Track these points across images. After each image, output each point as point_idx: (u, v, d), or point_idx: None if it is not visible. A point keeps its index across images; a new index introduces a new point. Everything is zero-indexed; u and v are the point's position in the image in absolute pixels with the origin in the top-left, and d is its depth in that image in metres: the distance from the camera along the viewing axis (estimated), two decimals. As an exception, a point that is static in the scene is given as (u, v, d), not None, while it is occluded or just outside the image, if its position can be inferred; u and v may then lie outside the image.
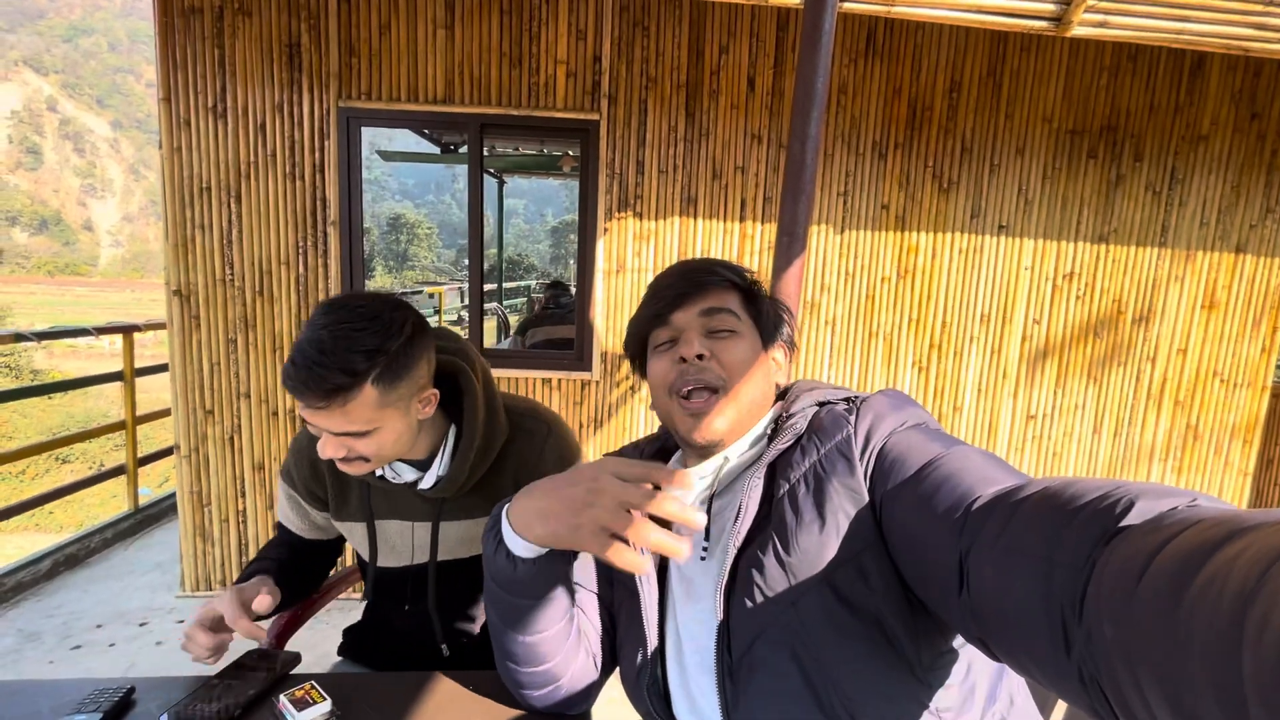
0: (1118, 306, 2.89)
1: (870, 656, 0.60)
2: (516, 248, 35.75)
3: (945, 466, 0.57)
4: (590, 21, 2.52)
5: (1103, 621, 0.35)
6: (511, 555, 0.66)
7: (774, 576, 0.63)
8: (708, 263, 0.79)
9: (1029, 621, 0.41)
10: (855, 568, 0.60)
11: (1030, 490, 0.47)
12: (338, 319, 0.81)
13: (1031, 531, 0.43)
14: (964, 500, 0.52)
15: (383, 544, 1.08)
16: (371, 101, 2.50)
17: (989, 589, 0.46)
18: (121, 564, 3.02)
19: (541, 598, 0.71)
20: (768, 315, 0.78)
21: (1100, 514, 0.39)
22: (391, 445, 0.88)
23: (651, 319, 0.77)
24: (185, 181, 2.49)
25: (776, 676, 0.63)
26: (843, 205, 2.71)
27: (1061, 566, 0.39)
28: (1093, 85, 2.71)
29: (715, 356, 0.72)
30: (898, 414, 0.67)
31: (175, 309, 2.56)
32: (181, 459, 2.65)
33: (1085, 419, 2.96)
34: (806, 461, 0.67)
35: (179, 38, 2.42)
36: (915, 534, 0.56)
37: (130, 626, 2.49)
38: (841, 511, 0.62)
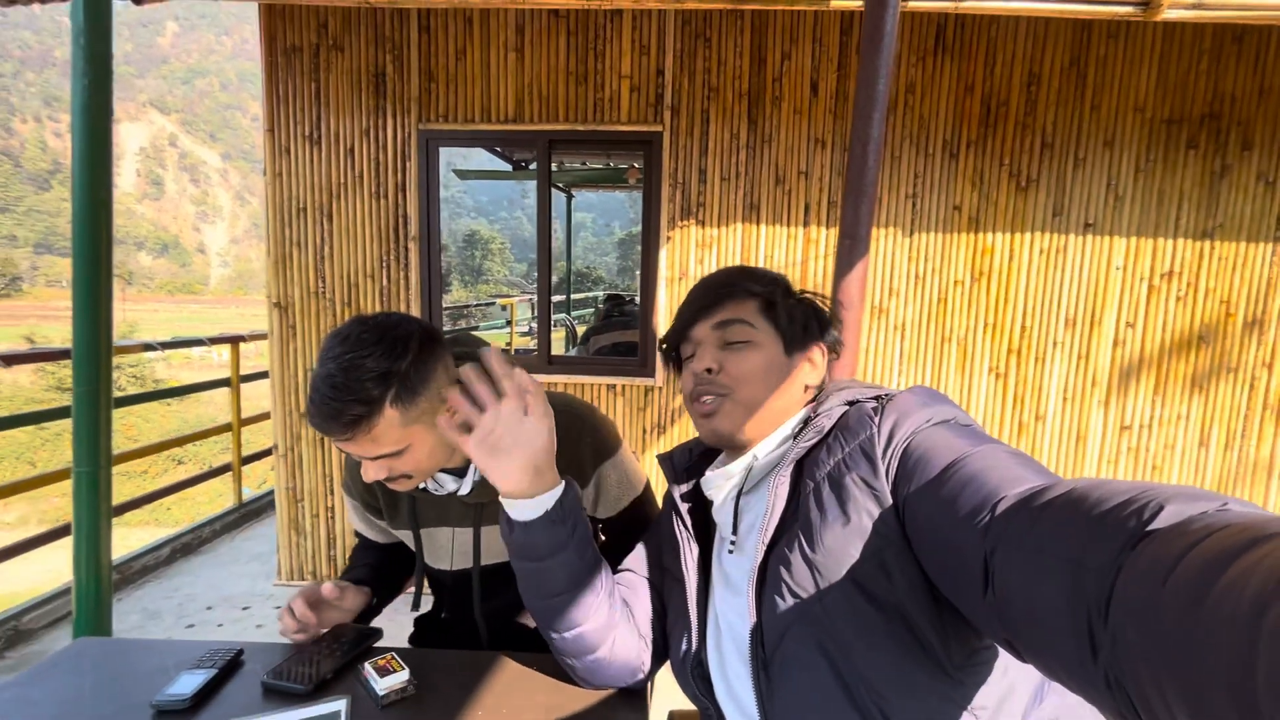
0: (1226, 309, 2.65)
1: (897, 653, 0.60)
2: (585, 260, 36.51)
3: (971, 465, 0.56)
4: (653, 36, 2.59)
5: (1127, 625, 0.35)
6: (510, 520, 0.76)
7: (800, 573, 0.65)
8: (729, 275, 0.82)
9: (1055, 624, 0.41)
10: (878, 565, 0.61)
11: (1058, 491, 0.46)
12: (343, 350, 0.81)
13: (1059, 533, 0.43)
14: (989, 500, 0.51)
15: (429, 550, 1.12)
16: (448, 123, 2.66)
17: (1014, 590, 0.45)
18: (228, 553, 3.31)
19: (541, 561, 0.77)
20: (790, 321, 0.79)
21: (1129, 517, 0.38)
22: (428, 459, 0.89)
23: (677, 334, 0.83)
24: (285, 203, 2.74)
25: (807, 671, 0.64)
26: (911, 207, 2.63)
27: (1089, 569, 0.39)
28: (1191, 71, 2.52)
29: (724, 368, 0.76)
30: (923, 411, 0.66)
31: (275, 319, 2.80)
32: (279, 457, 2.89)
33: (1189, 431, 2.73)
34: (831, 460, 0.68)
35: (281, 74, 2.67)
36: (939, 533, 0.56)
37: (235, 610, 2.73)
38: (864, 510, 0.63)
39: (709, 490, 0.81)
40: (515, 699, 0.85)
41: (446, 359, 0.91)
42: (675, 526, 0.83)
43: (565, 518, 0.76)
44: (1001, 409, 2.74)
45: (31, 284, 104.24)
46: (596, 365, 3.03)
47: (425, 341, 0.86)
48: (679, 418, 2.80)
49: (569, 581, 0.79)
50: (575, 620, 0.80)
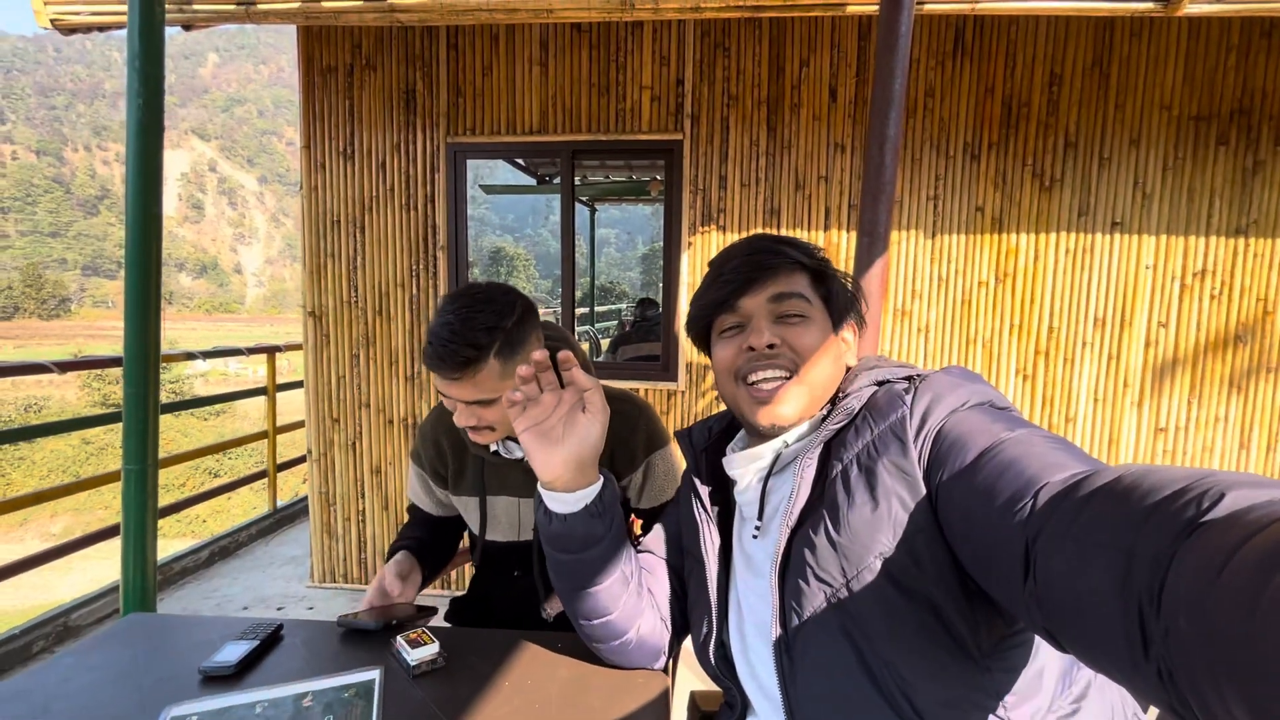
0: (1264, 307, 2.58)
1: (923, 639, 0.59)
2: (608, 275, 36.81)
3: (1009, 450, 0.54)
4: (673, 47, 2.65)
5: (1180, 616, 0.33)
6: (549, 511, 0.76)
7: (825, 556, 0.63)
8: (774, 242, 0.75)
9: (1104, 615, 0.39)
10: (907, 550, 0.59)
11: (1105, 478, 0.44)
12: (461, 305, 0.96)
13: (1109, 521, 0.41)
14: (1031, 485, 0.49)
15: (491, 519, 1.21)
16: (475, 136, 2.75)
17: (1059, 579, 0.43)
18: (263, 556, 3.40)
19: (577, 554, 0.78)
20: (837, 294, 0.75)
21: (1186, 505, 0.36)
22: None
23: (718, 304, 0.75)
24: (320, 216, 2.85)
25: (831, 655, 0.63)
26: (933, 209, 2.63)
27: (1142, 559, 0.37)
28: (1219, 67, 2.49)
29: (786, 343, 0.71)
30: (958, 393, 0.63)
31: (310, 328, 2.90)
32: (312, 463, 2.98)
33: (1229, 433, 2.65)
34: (860, 442, 0.65)
35: (318, 93, 2.80)
36: (976, 521, 0.53)
37: (270, 610, 2.80)
38: (894, 494, 0.61)
39: (732, 470, 0.78)
40: (539, 672, 0.88)
41: (539, 330, 1.04)
42: (694, 508, 0.82)
43: (604, 512, 0.77)
44: (1030, 411, 2.69)
45: (79, 304, 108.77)
46: (619, 370, 3.07)
47: (527, 309, 1.00)
48: (701, 421, 2.81)
49: (601, 573, 0.79)
50: (604, 609, 0.81)
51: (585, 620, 0.83)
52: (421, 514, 1.29)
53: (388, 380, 2.90)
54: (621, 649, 0.85)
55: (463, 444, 1.19)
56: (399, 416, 2.91)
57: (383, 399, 2.91)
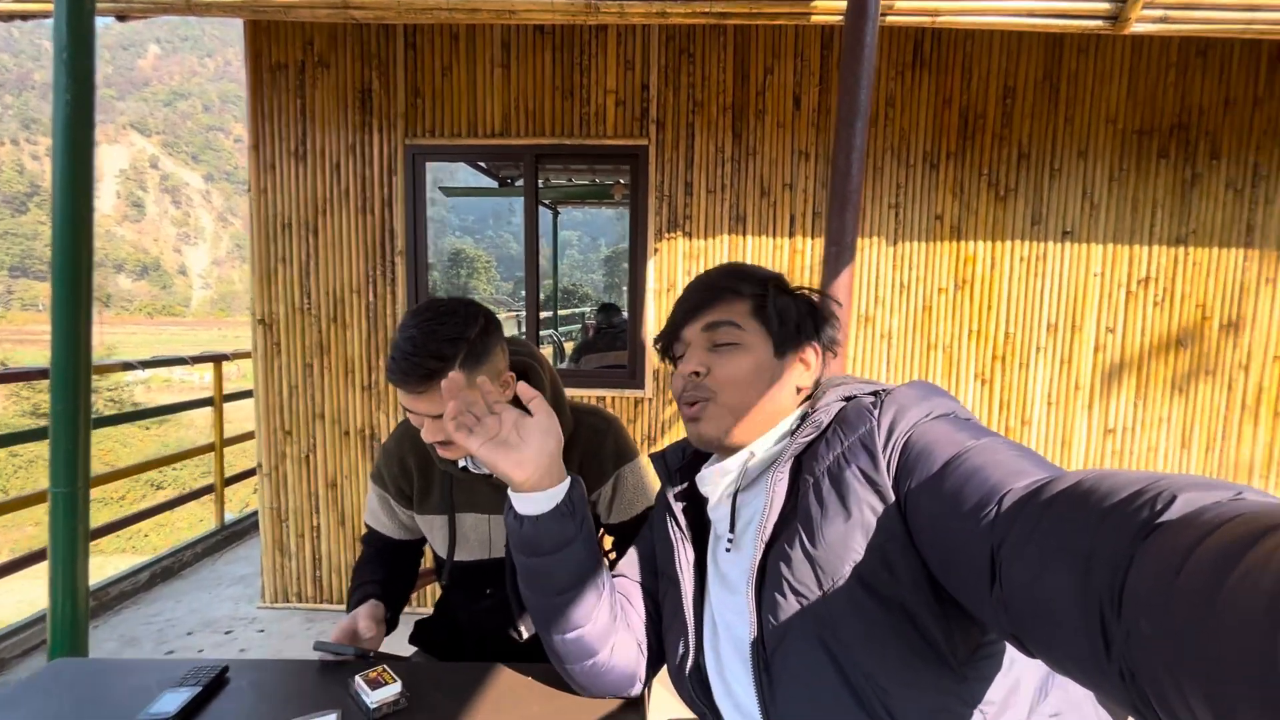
0: (1202, 312, 2.71)
1: (901, 649, 0.59)
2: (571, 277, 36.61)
3: (973, 459, 0.56)
4: (638, 52, 2.62)
5: (1140, 617, 0.34)
6: (519, 515, 0.75)
7: (801, 569, 0.64)
8: (720, 274, 0.81)
9: (1067, 618, 0.40)
10: (880, 559, 0.60)
11: (1065, 483, 0.46)
12: (424, 319, 0.95)
13: (1068, 526, 0.42)
14: (995, 493, 0.51)
15: (460, 537, 1.17)
16: (435, 138, 2.67)
17: (1023, 584, 0.45)
18: (209, 577, 3.23)
19: (547, 556, 0.76)
20: (782, 322, 0.77)
21: (1141, 508, 0.38)
22: None
23: (668, 335, 0.82)
24: (270, 219, 2.72)
25: (810, 669, 0.63)
26: (894, 217, 2.68)
27: (1101, 562, 0.38)
28: (1159, 83, 2.60)
29: (712, 372, 0.75)
30: (923, 404, 0.66)
31: (259, 336, 2.77)
32: (263, 477, 2.84)
33: (1171, 433, 2.77)
34: (830, 454, 0.67)
35: (267, 91, 2.67)
36: (943, 528, 0.55)
37: (217, 635, 2.66)
38: (865, 504, 0.62)
39: (704, 487, 0.79)
40: (510, 709, 0.84)
41: (504, 343, 1.03)
42: (669, 527, 0.82)
43: (574, 511, 0.77)
44: (987, 415, 2.76)
45: (7, 307, 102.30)
46: (586, 377, 3.02)
47: (490, 321, 1.00)
48: (669, 428, 2.79)
49: (573, 578, 0.78)
50: (576, 621, 0.79)
51: (558, 634, 0.80)
52: (381, 540, 1.24)
53: (343, 390, 2.78)
54: (594, 671, 0.82)
55: (429, 461, 1.15)
56: (355, 428, 2.80)
57: (338, 410, 2.80)
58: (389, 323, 2.75)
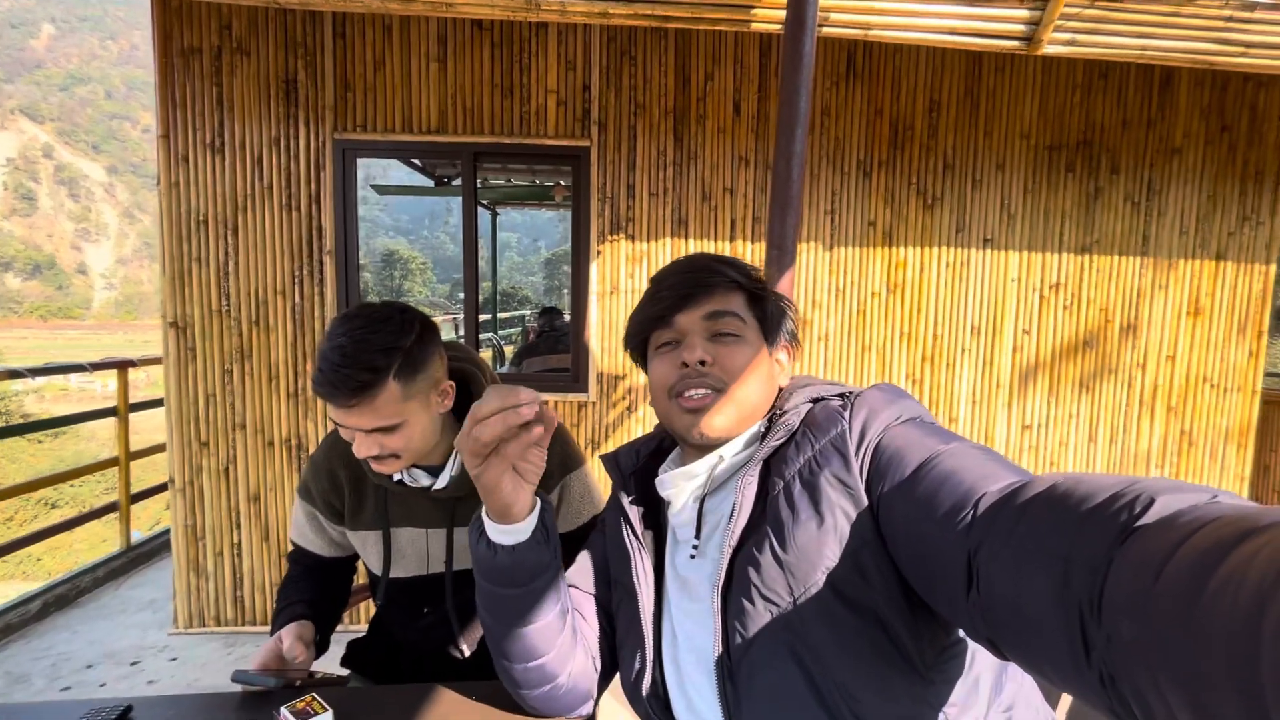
0: (1105, 316, 2.93)
1: (872, 655, 0.59)
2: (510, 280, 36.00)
3: (945, 463, 0.56)
4: (579, 52, 2.60)
5: (1120, 621, 0.34)
6: (492, 543, 0.69)
7: (771, 575, 0.62)
8: (713, 261, 0.77)
9: (1046, 623, 0.40)
10: (853, 565, 0.59)
11: (1038, 487, 0.46)
12: (354, 326, 0.89)
13: (1046, 530, 0.42)
14: (969, 498, 0.51)
15: (396, 553, 1.10)
16: (367, 133, 2.56)
17: (1001, 590, 0.44)
18: (112, 603, 2.96)
19: (524, 586, 0.71)
20: (772, 315, 0.76)
21: (1119, 511, 0.38)
22: (419, 438, 0.95)
23: (654, 320, 0.75)
24: (183, 216, 2.53)
25: (778, 677, 0.62)
26: (830, 223, 2.76)
27: (1079, 566, 0.38)
28: (1066, 102, 2.80)
29: (718, 362, 0.71)
30: (892, 408, 0.66)
31: (172, 341, 2.56)
32: (176, 492, 2.63)
33: (1080, 428, 2.98)
34: (801, 458, 0.66)
35: (178, 77, 2.48)
36: (917, 533, 0.55)
37: (121, 666, 2.44)
38: (838, 508, 0.61)
39: (665, 491, 0.76)
40: (454, 732, 0.79)
41: (442, 349, 0.98)
42: (624, 534, 0.78)
43: (548, 538, 0.72)
44: (918, 413, 2.89)
45: None
46: (527, 381, 2.95)
47: (426, 328, 0.94)
48: (613, 432, 2.77)
49: (544, 608, 0.73)
50: (540, 650, 0.74)
51: (518, 664, 0.75)
52: (310, 558, 1.15)
53: (267, 398, 2.62)
54: (551, 695, 0.78)
55: (361, 474, 1.08)
56: (280, 438, 2.64)
57: (261, 419, 2.63)
58: (317, 326, 2.61)
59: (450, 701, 0.86)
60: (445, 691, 0.88)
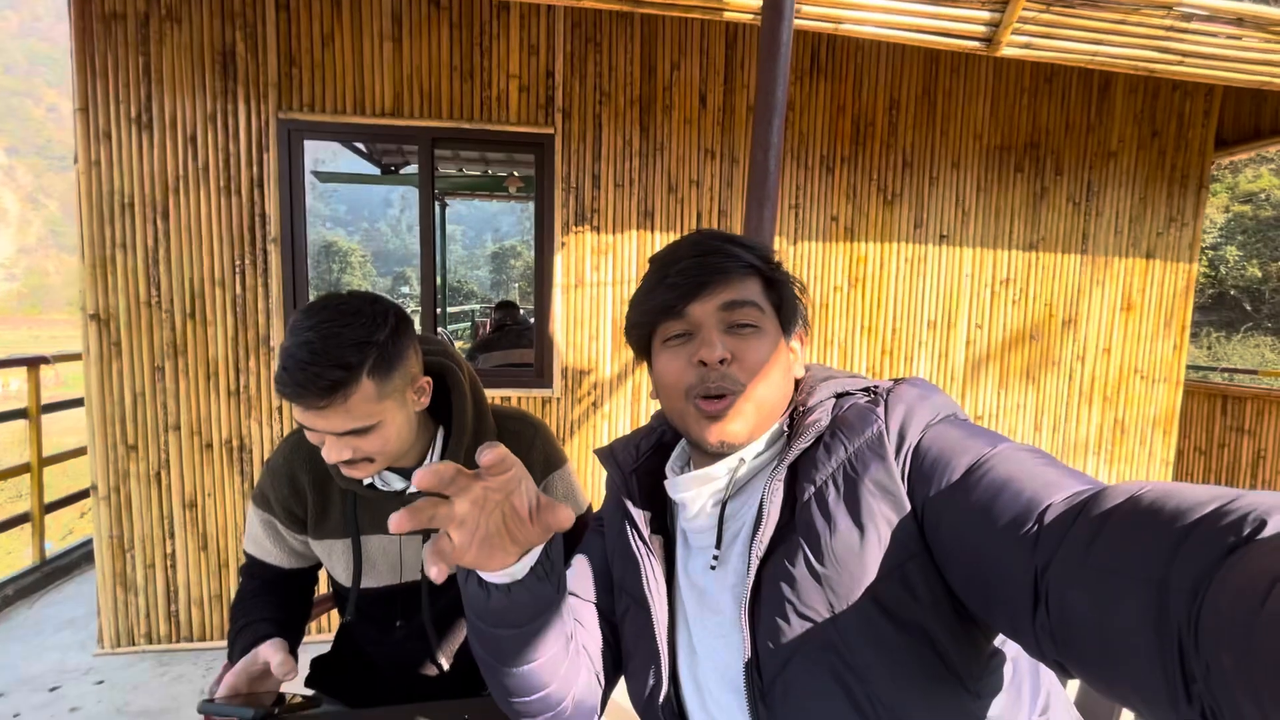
0: (1049, 310, 3.07)
1: (919, 673, 0.55)
2: (456, 274, 35.11)
3: (998, 468, 0.52)
4: (542, 36, 2.51)
5: (1221, 650, 0.31)
6: (483, 582, 0.57)
7: (807, 590, 0.57)
8: (725, 241, 0.69)
9: (1134, 650, 0.37)
10: (899, 579, 0.55)
11: (1116, 498, 0.42)
12: (321, 319, 0.80)
13: (1133, 548, 0.38)
14: (1032, 508, 0.47)
15: (367, 562, 1.02)
16: (314, 114, 2.40)
17: (1079, 612, 0.41)
18: (25, 624, 2.69)
19: (522, 626, 0.61)
20: (789, 302, 0.70)
21: (1224, 530, 0.34)
22: (395, 439, 0.88)
23: (663, 310, 0.67)
24: (104, 197, 2.30)
25: (817, 698, 0.57)
26: (794, 217, 2.78)
27: (1177, 592, 0.35)
28: (1016, 105, 2.91)
29: (737, 358, 0.64)
30: (928, 405, 0.61)
31: (93, 335, 2.34)
32: (99, 500, 2.40)
33: (1026, 417, 3.11)
34: (834, 461, 0.60)
35: (98, 45, 2.26)
36: (972, 545, 0.51)
37: (39, 693, 2.21)
38: (880, 517, 0.57)
39: (679, 494, 0.70)
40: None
41: (417, 343, 0.91)
42: (631, 540, 0.71)
43: (552, 570, 0.60)
44: (878, 406, 2.95)
45: None
46: (488, 376, 2.86)
47: (401, 320, 0.87)
48: (579, 428, 2.71)
49: (545, 644, 0.64)
50: (542, 684, 0.66)
51: (519, 699, 0.67)
52: (268, 571, 1.05)
53: (204, 396, 2.43)
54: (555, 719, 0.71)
55: (327, 478, 0.99)
56: (220, 439, 2.45)
57: (198, 419, 2.43)
58: (260, 319, 2.43)
59: (439, 721, 0.79)
60: (429, 711, 0.81)
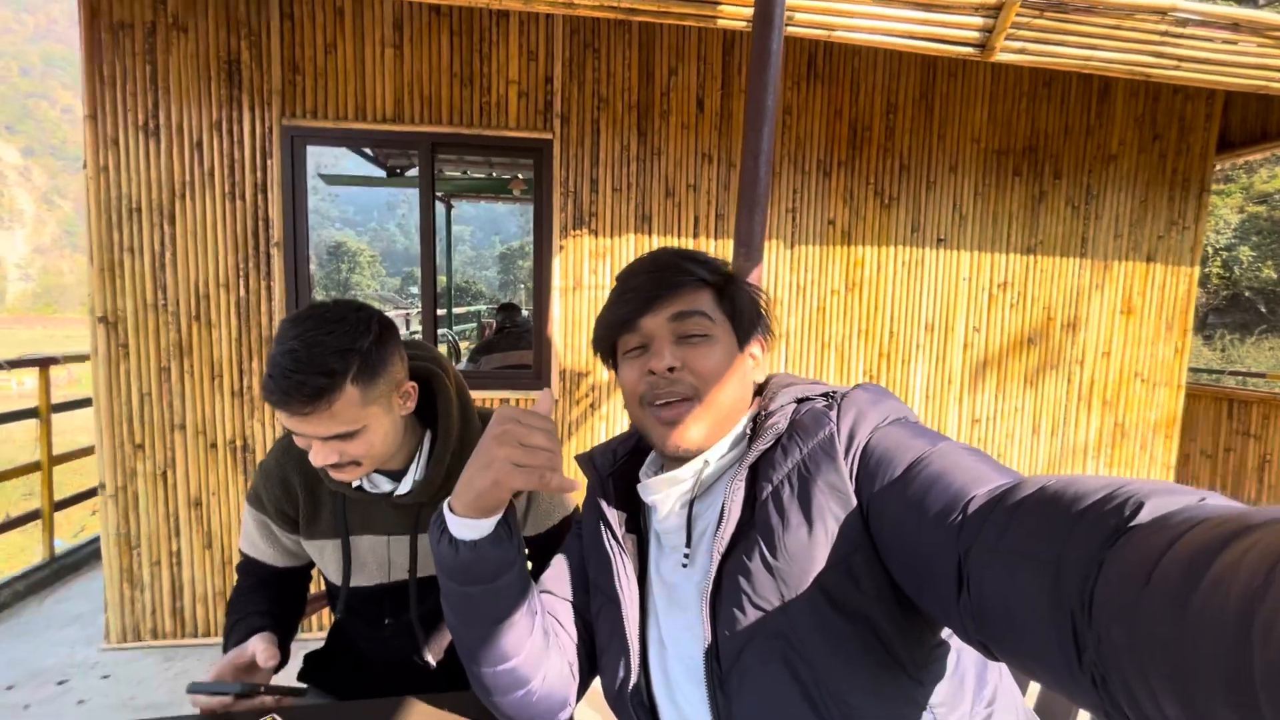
0: (1048, 314, 3.07)
1: (863, 660, 0.59)
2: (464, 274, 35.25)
3: (934, 464, 0.56)
4: (541, 42, 2.55)
5: (1112, 624, 0.34)
6: (454, 540, 0.66)
7: (762, 583, 0.61)
8: (678, 258, 0.74)
9: (1037, 625, 0.40)
10: (845, 570, 0.59)
11: (1029, 489, 0.46)
12: (305, 328, 0.83)
13: (1036, 532, 0.42)
14: (959, 499, 0.51)
15: (356, 562, 1.05)
16: (317, 120, 2.44)
17: (991, 592, 0.44)
18: (36, 619, 2.76)
19: (488, 584, 0.68)
20: (744, 311, 0.74)
21: (1109, 514, 0.38)
22: (381, 443, 0.90)
23: (619, 324, 0.73)
24: (113, 202, 2.36)
25: (769, 684, 0.61)
26: (791, 221, 2.79)
27: (1070, 568, 0.38)
28: (1014, 109, 2.91)
29: (687, 366, 0.69)
30: (878, 409, 0.65)
31: (101, 337, 2.39)
32: (107, 498, 2.46)
33: (1025, 421, 3.11)
34: (789, 462, 0.65)
35: (106, 54, 2.31)
36: (908, 535, 0.55)
37: (47, 686, 2.27)
38: (829, 513, 0.61)
39: (649, 497, 0.74)
40: (428, 748, 0.76)
41: (401, 349, 0.93)
42: (605, 540, 0.75)
43: (511, 535, 0.69)
44: (875, 409, 2.96)
45: None
46: (487, 379, 2.90)
47: (384, 327, 0.89)
48: (577, 429, 2.74)
49: (510, 606, 0.70)
50: (510, 652, 0.71)
51: (488, 668, 0.72)
52: (262, 569, 1.09)
53: (209, 397, 2.47)
54: (525, 701, 0.75)
55: (317, 480, 1.03)
56: (225, 439, 2.50)
57: (203, 419, 2.48)
58: (264, 321, 2.48)
59: (420, 714, 0.82)
60: (414, 703, 0.85)
